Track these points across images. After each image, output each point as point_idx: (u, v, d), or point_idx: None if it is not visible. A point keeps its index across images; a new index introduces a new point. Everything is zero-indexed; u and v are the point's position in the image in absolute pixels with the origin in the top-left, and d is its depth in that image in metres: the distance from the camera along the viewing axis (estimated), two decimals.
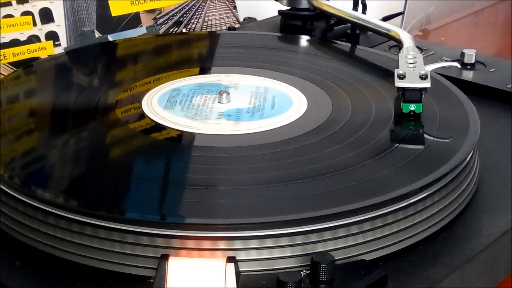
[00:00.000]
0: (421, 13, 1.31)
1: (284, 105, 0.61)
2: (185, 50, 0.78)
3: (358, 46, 0.77)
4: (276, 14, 0.86)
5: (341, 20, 0.81)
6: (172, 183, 0.51)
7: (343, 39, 0.80)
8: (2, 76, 0.76)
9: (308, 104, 0.61)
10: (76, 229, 0.46)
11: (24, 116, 0.60)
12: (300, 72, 0.68)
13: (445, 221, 0.51)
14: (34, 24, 0.80)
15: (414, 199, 0.48)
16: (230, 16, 0.97)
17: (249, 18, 0.94)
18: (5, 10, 0.79)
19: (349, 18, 0.79)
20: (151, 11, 0.89)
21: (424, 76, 0.59)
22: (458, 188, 0.52)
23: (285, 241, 0.45)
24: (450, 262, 0.48)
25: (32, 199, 0.48)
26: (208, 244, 0.44)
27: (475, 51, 0.76)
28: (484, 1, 1.45)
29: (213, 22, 0.95)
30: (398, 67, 0.61)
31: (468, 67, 0.75)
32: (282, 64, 0.70)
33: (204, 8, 0.94)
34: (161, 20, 0.90)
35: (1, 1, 0.78)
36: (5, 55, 0.78)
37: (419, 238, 0.49)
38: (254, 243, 0.45)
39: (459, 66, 0.73)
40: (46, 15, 0.81)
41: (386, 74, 0.66)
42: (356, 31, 0.81)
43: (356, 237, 0.46)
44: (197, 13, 0.94)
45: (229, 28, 0.89)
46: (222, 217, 0.46)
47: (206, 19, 0.94)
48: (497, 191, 0.55)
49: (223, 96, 0.61)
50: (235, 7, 0.97)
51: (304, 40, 0.78)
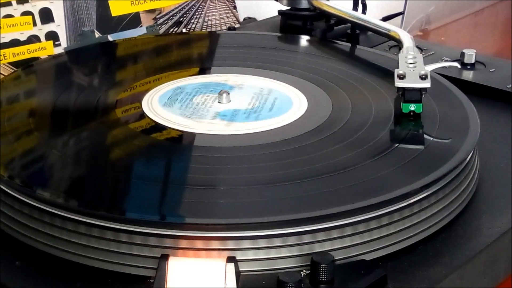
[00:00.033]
0: (421, 13, 1.31)
1: (283, 107, 0.61)
2: (185, 50, 0.78)
3: (358, 46, 0.77)
4: (276, 14, 0.86)
5: (341, 20, 0.81)
6: (172, 183, 0.51)
7: (343, 39, 0.80)
8: (2, 76, 0.76)
9: (308, 104, 0.61)
10: (76, 229, 0.46)
11: (24, 116, 0.60)
12: (300, 72, 0.68)
13: (445, 221, 0.51)
14: (34, 24, 0.80)
15: (414, 199, 0.48)
16: (230, 16, 0.96)
17: (249, 18, 0.94)
18: (5, 10, 0.79)
19: (349, 18, 0.79)
20: (151, 11, 0.89)
21: (424, 76, 0.59)
22: (458, 188, 0.52)
23: (285, 241, 0.45)
24: (450, 262, 0.48)
25: (32, 199, 0.48)
26: (208, 244, 0.44)
27: (475, 51, 0.76)
28: (484, 1, 1.45)
29: (213, 22, 0.95)
30: (398, 67, 0.61)
31: (468, 67, 0.75)
32: (282, 64, 0.70)
33: (204, 8, 0.94)
34: (161, 20, 0.90)
35: (1, 1, 0.78)
36: (5, 55, 0.78)
37: (419, 238, 0.49)
38: (254, 243, 0.44)
39: (459, 66, 0.73)
40: (46, 15, 0.81)
41: (386, 74, 0.66)
42: (356, 31, 0.81)
43: (356, 237, 0.46)
44: (197, 13, 0.94)
45: (229, 28, 0.89)
46: (222, 217, 0.46)
47: (206, 19, 0.94)
48: (497, 191, 0.55)
49: (223, 96, 0.61)
50: (235, 7, 0.97)
51: (304, 40, 0.78)
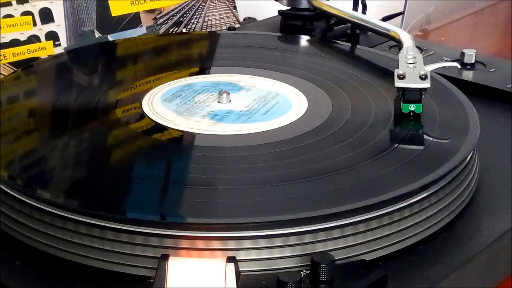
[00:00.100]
0: (421, 13, 1.31)
1: (279, 112, 0.60)
2: (185, 50, 0.78)
3: (358, 46, 0.77)
4: (276, 14, 0.86)
5: (341, 20, 0.81)
6: (172, 183, 0.51)
7: (343, 39, 0.80)
8: (2, 76, 0.76)
9: (308, 104, 0.61)
10: (76, 229, 0.46)
11: (24, 116, 0.60)
12: (300, 72, 0.68)
13: (445, 221, 0.51)
14: (34, 24, 0.80)
15: (414, 199, 0.48)
16: (230, 16, 0.96)
17: (249, 18, 0.94)
18: (5, 10, 0.79)
19: (349, 18, 0.79)
20: (151, 11, 0.89)
21: (424, 76, 0.59)
22: (458, 188, 0.52)
23: (285, 241, 0.45)
24: (450, 262, 0.48)
25: (32, 199, 0.48)
26: (208, 244, 0.44)
27: (475, 51, 0.76)
28: (484, 1, 1.45)
29: (213, 22, 0.95)
30: (398, 67, 0.61)
31: (468, 67, 0.75)
32: (282, 64, 0.70)
33: (204, 8, 0.94)
34: (161, 20, 0.90)
35: (1, 1, 0.78)
36: (5, 55, 0.78)
37: (419, 238, 0.49)
38: (254, 243, 0.44)
39: (459, 66, 0.73)
40: (46, 15, 0.81)
41: (386, 74, 0.66)
42: (356, 31, 0.81)
43: (356, 237, 0.46)
44: (197, 13, 0.94)
45: (229, 28, 0.89)
46: (222, 217, 0.46)
47: (206, 19, 0.94)
48: (497, 191, 0.55)
49: (223, 96, 0.61)
50: (235, 7, 0.97)
51: (304, 40, 0.78)
